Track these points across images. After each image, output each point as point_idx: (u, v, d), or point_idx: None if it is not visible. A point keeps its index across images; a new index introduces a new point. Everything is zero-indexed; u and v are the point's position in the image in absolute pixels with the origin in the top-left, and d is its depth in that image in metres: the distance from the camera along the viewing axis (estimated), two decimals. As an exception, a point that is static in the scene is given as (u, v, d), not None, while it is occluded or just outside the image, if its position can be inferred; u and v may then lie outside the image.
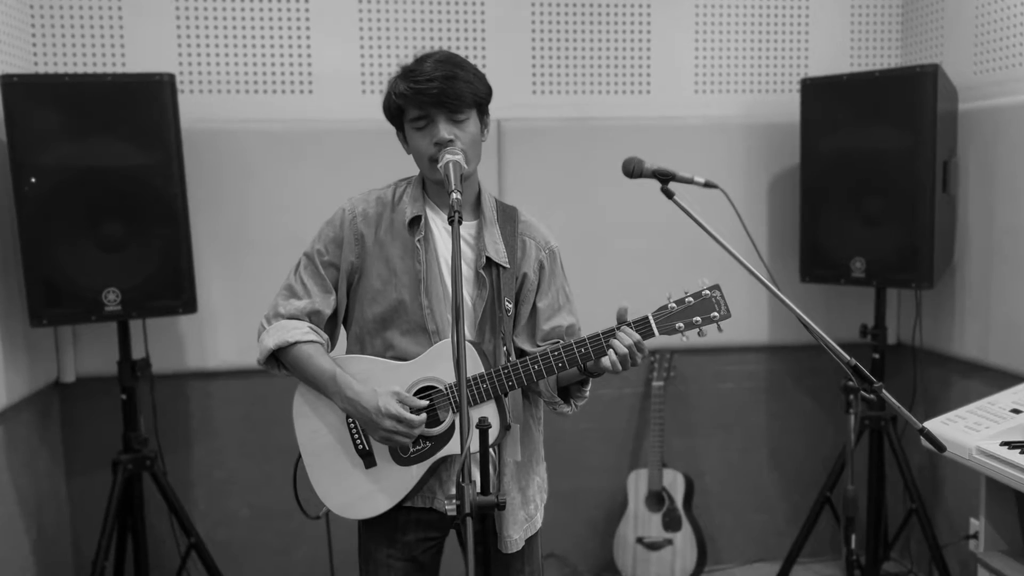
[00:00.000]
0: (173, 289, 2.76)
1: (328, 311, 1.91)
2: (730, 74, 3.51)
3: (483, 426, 1.42)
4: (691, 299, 1.76)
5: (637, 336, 1.75)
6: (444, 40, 3.29)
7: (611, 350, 1.74)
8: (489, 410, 1.79)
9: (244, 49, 3.18)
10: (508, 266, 1.88)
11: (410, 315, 1.86)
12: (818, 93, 3.19)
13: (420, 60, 1.83)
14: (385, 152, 2.18)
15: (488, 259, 1.87)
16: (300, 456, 1.92)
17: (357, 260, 1.90)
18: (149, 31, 3.11)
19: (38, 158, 2.58)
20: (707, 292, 1.77)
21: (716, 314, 1.76)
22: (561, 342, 1.83)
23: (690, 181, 1.98)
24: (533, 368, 1.78)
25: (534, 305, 1.94)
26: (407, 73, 1.82)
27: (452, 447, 1.82)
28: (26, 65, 3.00)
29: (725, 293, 1.80)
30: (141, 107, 2.66)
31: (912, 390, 3.44)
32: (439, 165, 1.75)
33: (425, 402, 1.81)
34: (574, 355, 1.77)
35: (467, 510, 1.34)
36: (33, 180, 2.58)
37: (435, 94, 1.77)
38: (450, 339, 1.80)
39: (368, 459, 1.86)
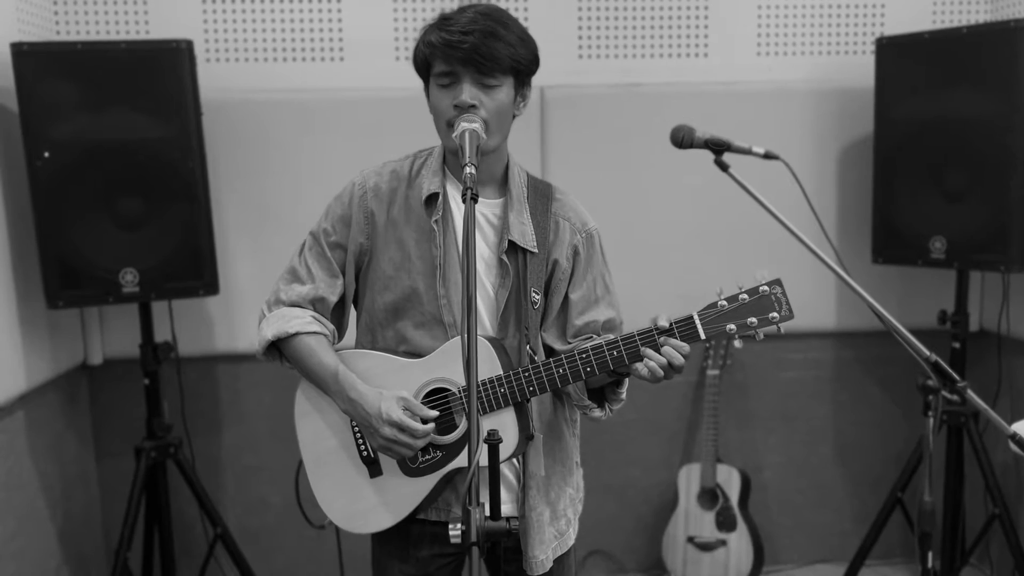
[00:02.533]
0: (193, 269, 2.62)
1: (334, 298, 1.73)
2: (797, 34, 3.21)
3: (493, 440, 1.22)
4: (746, 295, 1.52)
5: (678, 341, 1.52)
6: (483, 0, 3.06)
7: (646, 357, 1.52)
8: (507, 417, 1.58)
9: (272, 15, 3.01)
10: (536, 251, 1.66)
11: (425, 305, 1.66)
12: (896, 54, 2.89)
13: (461, 9, 1.60)
14: (421, 122, 1.97)
15: (512, 243, 1.65)
16: (302, 460, 1.75)
17: (367, 241, 1.70)
18: (173, -4, 2.96)
19: (51, 131, 2.45)
20: (765, 288, 1.51)
21: (776, 314, 1.51)
22: (591, 342, 1.60)
23: (748, 152, 1.77)
24: (557, 372, 1.56)
25: (566, 296, 1.72)
26: (442, 21, 1.60)
27: (466, 457, 1.62)
28: (47, 34, 2.87)
29: (788, 274, 1.55)
30: (157, 76, 2.51)
31: (997, 383, 3.13)
32: (454, 134, 1.54)
33: (435, 412, 1.61)
34: (604, 359, 1.55)
35: (474, 538, 1.15)
36: (47, 154, 2.45)
37: (466, 49, 1.54)
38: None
39: (374, 468, 1.67)
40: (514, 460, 1.67)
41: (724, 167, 1.77)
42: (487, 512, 1.20)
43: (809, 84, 3.18)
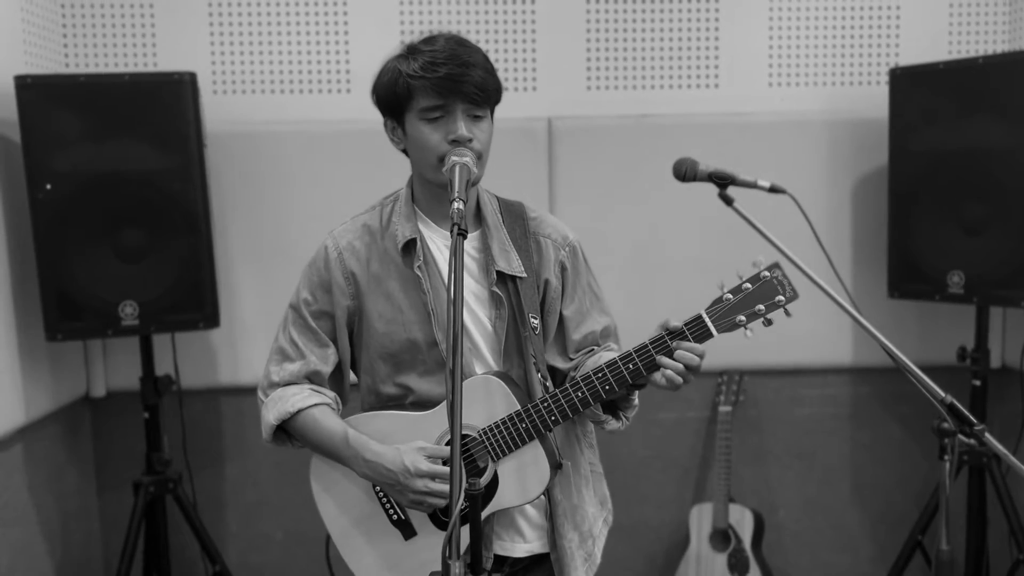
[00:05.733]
0: (194, 302, 2.60)
1: (328, 368, 1.68)
2: (809, 64, 3.16)
3: (474, 491, 1.16)
4: (748, 284, 1.51)
5: (691, 343, 1.49)
6: (491, 33, 3.05)
7: (662, 366, 1.48)
8: (536, 452, 1.54)
9: (280, 47, 3.01)
10: (525, 275, 1.62)
11: (425, 354, 1.62)
12: (911, 84, 2.83)
13: (429, 40, 1.58)
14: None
15: (500, 273, 1.61)
16: (329, 536, 1.71)
17: (353, 303, 1.66)
18: (181, 30, 2.96)
19: (54, 163, 2.45)
20: (766, 273, 1.51)
21: (781, 297, 1.51)
22: (604, 360, 1.55)
23: (753, 185, 1.73)
24: (577, 396, 1.53)
25: (561, 314, 1.68)
26: (418, 53, 1.56)
27: (502, 499, 1.58)
28: (56, 66, 2.89)
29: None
30: (160, 108, 2.51)
31: (1020, 422, 3.02)
32: (444, 168, 1.50)
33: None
34: (621, 374, 1.51)
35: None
36: (48, 187, 2.44)
37: (460, 81, 1.51)
38: (475, 376, 1.58)
39: (406, 530, 1.63)
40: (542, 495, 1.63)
41: (728, 201, 1.72)
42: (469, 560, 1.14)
43: (822, 115, 3.12)
